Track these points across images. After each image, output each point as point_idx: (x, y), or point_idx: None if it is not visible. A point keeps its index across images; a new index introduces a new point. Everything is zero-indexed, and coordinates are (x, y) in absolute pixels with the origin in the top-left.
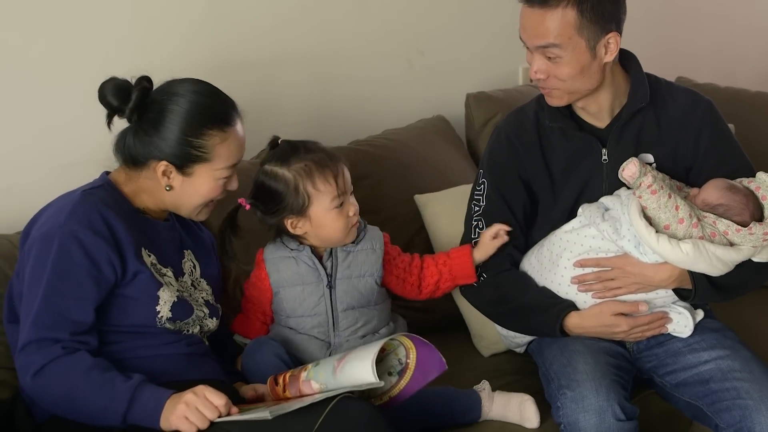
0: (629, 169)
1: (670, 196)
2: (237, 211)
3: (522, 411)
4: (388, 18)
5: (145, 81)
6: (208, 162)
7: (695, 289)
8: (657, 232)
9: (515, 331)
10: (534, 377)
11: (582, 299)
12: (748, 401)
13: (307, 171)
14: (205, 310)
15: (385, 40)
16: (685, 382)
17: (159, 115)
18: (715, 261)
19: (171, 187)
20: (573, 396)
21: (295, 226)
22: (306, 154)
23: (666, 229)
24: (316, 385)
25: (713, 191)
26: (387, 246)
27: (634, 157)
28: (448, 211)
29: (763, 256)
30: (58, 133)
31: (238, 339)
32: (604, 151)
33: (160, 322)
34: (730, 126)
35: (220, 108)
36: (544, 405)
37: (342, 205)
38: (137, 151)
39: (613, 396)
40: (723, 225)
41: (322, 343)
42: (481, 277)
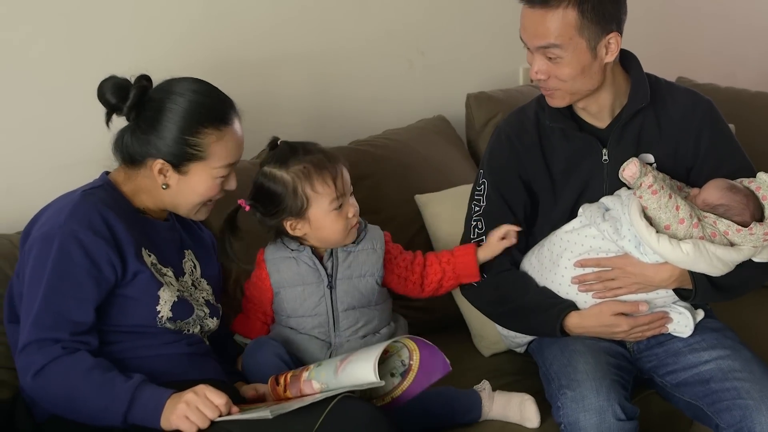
0: (630, 170)
1: (670, 196)
2: (237, 212)
3: (522, 411)
4: (388, 18)
5: (144, 80)
6: (204, 161)
7: (696, 289)
8: (657, 232)
9: (515, 331)
10: (534, 377)
11: (582, 299)
12: (749, 401)
13: (306, 173)
14: (206, 310)
15: (385, 40)
16: (686, 381)
17: (156, 113)
18: (715, 261)
19: (167, 186)
20: (573, 396)
21: (294, 228)
22: (305, 156)
23: (666, 229)
24: (317, 385)
25: (714, 191)
26: (388, 245)
27: (635, 158)
28: (448, 211)
29: (764, 256)
30: (58, 133)
31: (239, 339)
32: (605, 151)
33: (160, 322)
34: (731, 126)
35: (216, 107)
36: (544, 405)
37: (341, 206)
38: (135, 149)
39: (613, 396)
40: (723, 225)
41: (322, 343)
42: (482, 277)
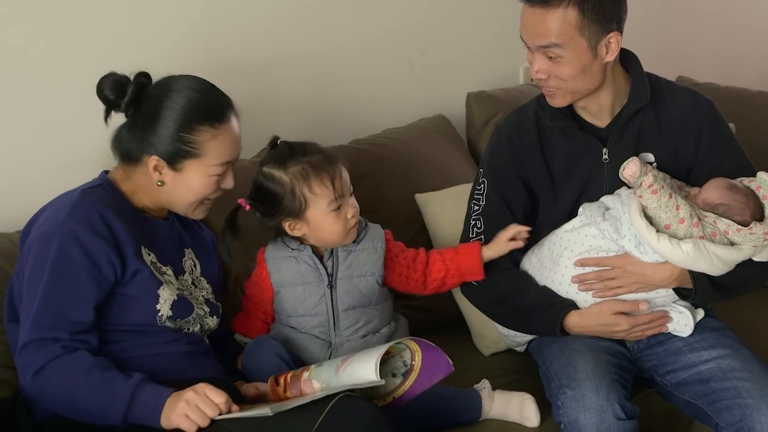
0: (630, 169)
1: (670, 195)
2: (237, 212)
3: (522, 410)
4: (388, 18)
5: (142, 77)
6: (199, 158)
7: (696, 289)
8: (657, 231)
9: (516, 330)
10: (534, 376)
11: (582, 298)
12: (749, 400)
13: (304, 174)
14: (206, 309)
15: (385, 39)
16: (686, 381)
17: (153, 109)
18: (715, 260)
19: (163, 183)
20: (573, 395)
21: (293, 228)
22: (303, 157)
23: (667, 228)
24: (317, 385)
25: (714, 191)
26: (389, 243)
27: (635, 157)
28: (448, 210)
29: (764, 256)
30: (58, 133)
31: (239, 338)
32: (605, 150)
33: (160, 321)
34: (731, 125)
35: (212, 104)
36: (544, 404)
37: (339, 207)
38: (131, 146)
39: (613, 395)
40: (723, 224)
41: (323, 343)
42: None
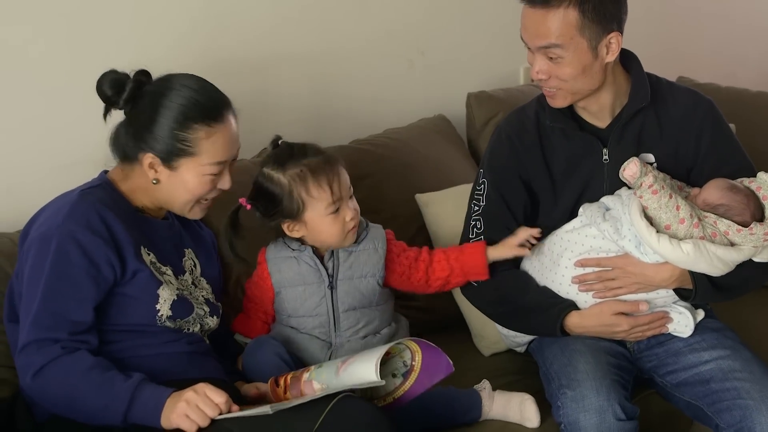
0: (630, 169)
1: (671, 196)
2: (238, 211)
3: (522, 410)
4: (388, 18)
5: (142, 74)
6: (193, 156)
7: (696, 289)
8: (658, 232)
9: (516, 330)
10: (534, 377)
11: (583, 299)
12: (749, 401)
13: (302, 177)
14: (206, 309)
15: (385, 40)
16: (686, 381)
17: (149, 107)
18: (715, 261)
19: (158, 181)
20: (573, 395)
21: (291, 230)
22: (302, 159)
23: (667, 229)
24: (317, 386)
25: (714, 191)
26: (390, 243)
27: (635, 157)
28: (448, 210)
29: (764, 257)
30: (58, 133)
31: (239, 338)
32: (605, 151)
33: (160, 321)
34: (731, 126)
35: (208, 103)
36: (544, 404)
37: (338, 210)
38: (128, 143)
39: (613, 395)
40: (724, 225)
41: (323, 343)
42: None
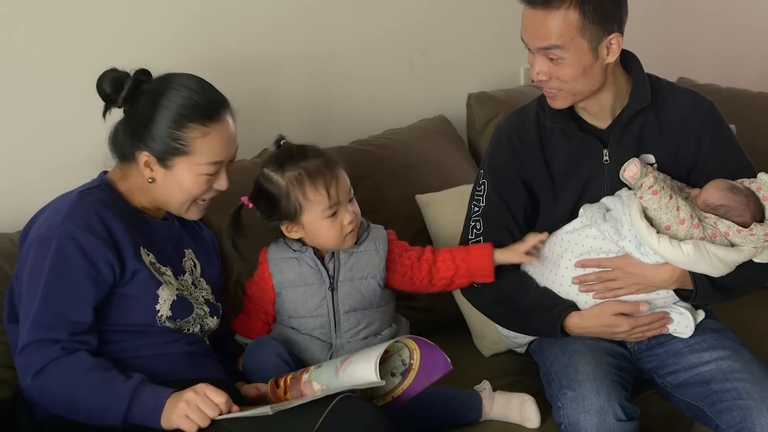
0: (630, 170)
1: (671, 196)
2: (240, 209)
3: (523, 411)
4: (389, 18)
5: (141, 73)
6: (188, 156)
7: (696, 290)
8: (658, 232)
9: (516, 331)
10: (535, 377)
11: (583, 299)
12: (749, 402)
13: (299, 180)
14: (206, 309)
15: (386, 40)
16: (686, 382)
17: (146, 105)
18: (716, 262)
19: (153, 180)
20: (574, 396)
21: (290, 231)
22: (301, 162)
23: (667, 229)
24: (317, 386)
25: (714, 192)
26: (391, 244)
27: (636, 158)
28: (449, 211)
29: (764, 257)
30: (58, 133)
31: (239, 339)
32: (606, 151)
33: (160, 321)
34: (732, 127)
35: (204, 103)
36: (544, 405)
37: (335, 214)
38: (125, 142)
39: (613, 396)
40: (724, 226)
41: (323, 344)
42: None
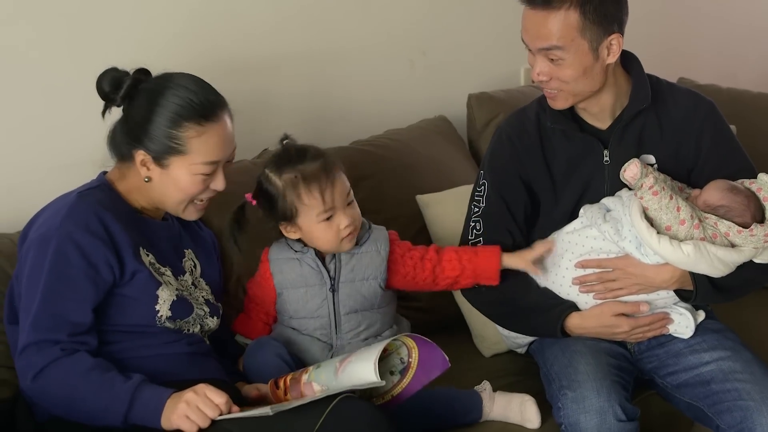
0: (631, 170)
1: (671, 197)
2: (244, 207)
3: (523, 411)
4: (389, 18)
5: (140, 72)
6: (184, 155)
7: (696, 291)
8: (658, 233)
9: (516, 331)
10: (535, 378)
11: (583, 300)
12: (749, 402)
13: (294, 183)
14: (206, 309)
15: (386, 40)
16: (686, 383)
17: (144, 104)
18: (716, 262)
19: (150, 179)
20: (574, 396)
21: (288, 231)
22: (299, 164)
23: (667, 230)
24: (317, 387)
25: (714, 192)
26: (393, 245)
27: (636, 158)
28: (449, 211)
29: (764, 258)
30: (58, 133)
31: (240, 339)
32: (606, 152)
33: (159, 321)
34: (732, 127)
35: (201, 102)
36: (545, 405)
37: (331, 218)
38: (123, 141)
39: (614, 396)
40: (724, 226)
41: (324, 345)
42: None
